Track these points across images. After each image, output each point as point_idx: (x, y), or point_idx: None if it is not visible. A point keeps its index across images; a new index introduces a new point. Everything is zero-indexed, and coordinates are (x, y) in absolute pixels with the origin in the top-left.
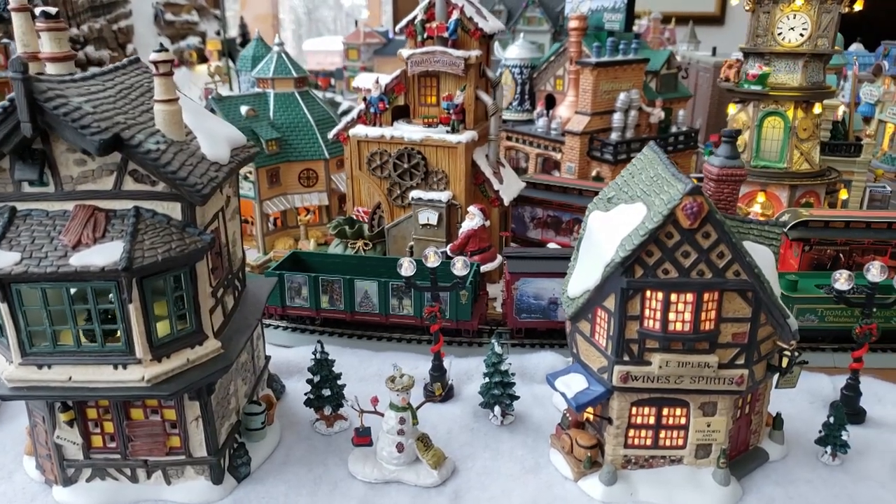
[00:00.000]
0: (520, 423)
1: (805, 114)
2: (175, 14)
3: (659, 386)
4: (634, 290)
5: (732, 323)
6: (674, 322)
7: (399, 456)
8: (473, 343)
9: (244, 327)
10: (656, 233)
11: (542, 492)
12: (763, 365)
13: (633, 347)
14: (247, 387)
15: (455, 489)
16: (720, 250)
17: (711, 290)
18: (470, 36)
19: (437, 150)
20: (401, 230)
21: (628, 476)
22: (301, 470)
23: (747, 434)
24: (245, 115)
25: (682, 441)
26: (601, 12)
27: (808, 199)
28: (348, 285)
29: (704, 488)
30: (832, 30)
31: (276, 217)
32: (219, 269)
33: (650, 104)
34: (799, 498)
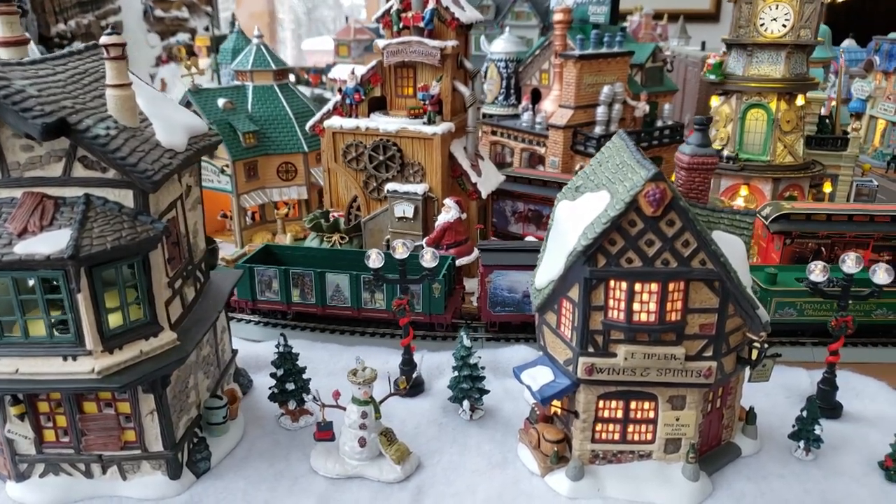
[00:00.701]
0: (489, 417)
1: (788, 106)
2: (165, 10)
3: (625, 378)
4: (598, 280)
5: (699, 314)
6: (638, 312)
7: (361, 451)
8: (448, 337)
9: (204, 320)
10: (619, 221)
11: (508, 487)
12: (732, 357)
13: (598, 339)
14: (210, 380)
15: (418, 485)
16: (685, 238)
17: (677, 280)
18: (446, 26)
19: (413, 142)
20: (377, 223)
21: (596, 471)
22: (262, 465)
23: (719, 428)
24: (222, 107)
25: (650, 436)
26: (586, 5)
27: (791, 192)
28: (319, 279)
29: (673, 484)
30: (815, 20)
31: (255, 211)
32: (176, 259)
33: (635, 98)
34: (770, 493)
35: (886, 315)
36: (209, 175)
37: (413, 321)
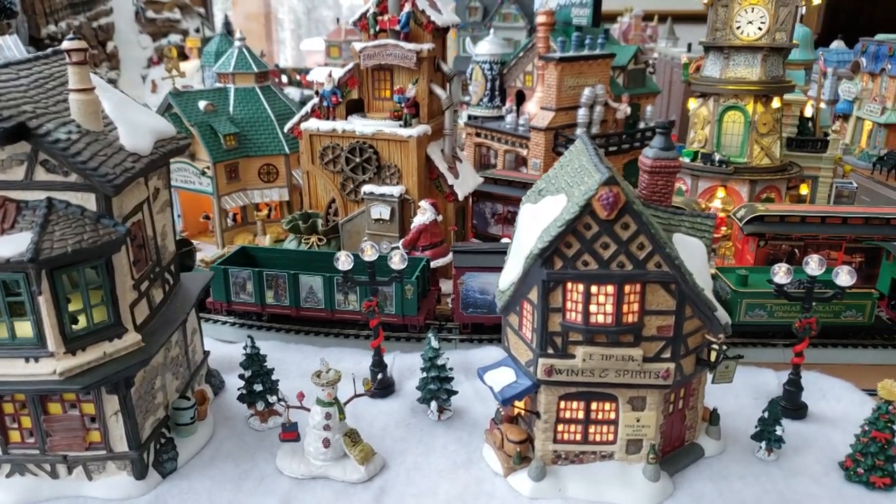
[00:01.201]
0: (458, 418)
1: (765, 108)
2: (157, 12)
3: (583, 379)
4: (555, 282)
5: (656, 315)
6: (595, 314)
7: (325, 451)
8: (421, 338)
9: (171, 322)
10: (574, 224)
11: (471, 487)
12: (692, 359)
13: (557, 340)
14: (179, 381)
15: (382, 485)
16: (640, 241)
17: (632, 282)
18: (423, 29)
19: (389, 145)
20: (355, 225)
21: (558, 472)
22: (228, 465)
23: (682, 429)
24: (203, 110)
25: (612, 436)
26: (569, 7)
27: (769, 194)
28: (293, 280)
29: (634, 484)
30: (790, 23)
31: (237, 213)
32: (142, 261)
33: (617, 99)
34: (729, 493)
35: (856, 317)
36: (190, 177)
37: (386, 323)
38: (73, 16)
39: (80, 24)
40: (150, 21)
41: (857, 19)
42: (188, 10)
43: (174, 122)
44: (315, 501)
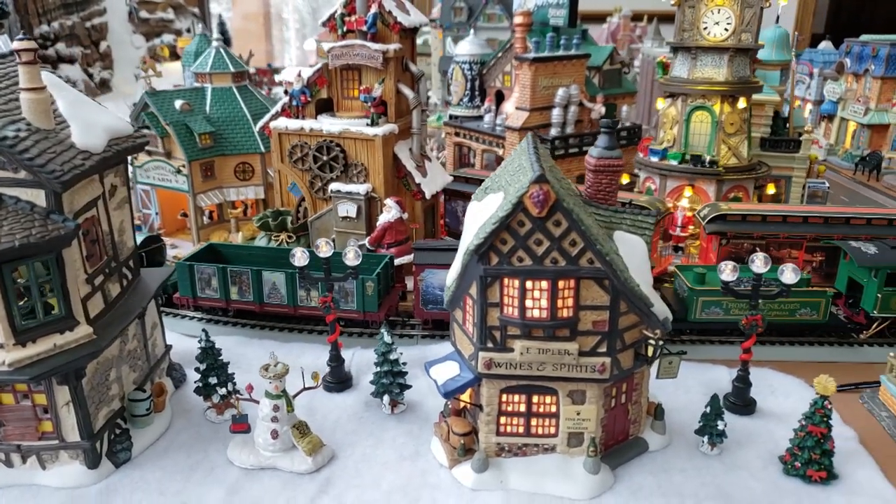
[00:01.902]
0: (411, 412)
1: (731, 108)
2: (150, 12)
3: (522, 373)
4: (492, 278)
5: (591, 311)
6: (531, 309)
7: (274, 442)
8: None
9: (126, 316)
10: (507, 221)
11: (415, 479)
12: (630, 354)
13: (496, 334)
14: (137, 374)
15: (328, 476)
16: (572, 238)
17: (566, 278)
18: (390, 30)
19: (356, 143)
20: (323, 223)
21: (501, 464)
22: (181, 456)
23: (626, 424)
24: (179, 109)
25: (553, 429)
26: (546, 8)
27: (736, 193)
28: (256, 277)
29: (574, 477)
30: (755, 24)
31: (213, 210)
32: (96, 256)
33: (592, 100)
34: (668, 486)
35: (811, 315)
36: (167, 175)
37: (348, 318)
38: (66, 16)
39: (74, 23)
40: (144, 21)
41: (858, 18)
42: (182, 10)
43: (150, 120)
44: (262, 491)
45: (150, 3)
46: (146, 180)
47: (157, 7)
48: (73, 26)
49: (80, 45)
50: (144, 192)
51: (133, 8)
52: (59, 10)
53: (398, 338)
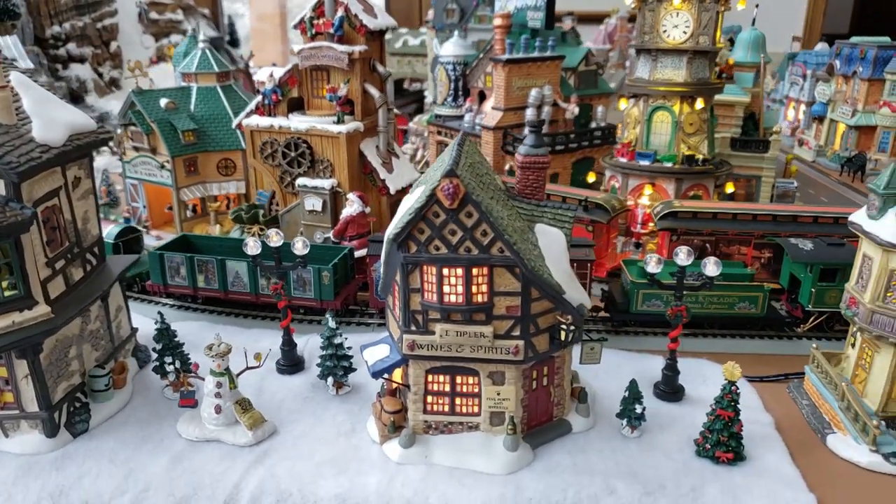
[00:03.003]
0: (354, 393)
1: (690, 109)
2: (159, 13)
3: (442, 354)
4: (412, 265)
5: (505, 296)
6: (448, 294)
7: (217, 417)
8: (342, 322)
9: (84, 298)
10: (422, 212)
11: (347, 453)
12: (545, 337)
13: (419, 318)
14: (99, 353)
15: (266, 449)
16: (483, 229)
17: (479, 266)
18: (356, 32)
19: (322, 140)
20: (293, 216)
21: (427, 440)
22: (135, 429)
23: (549, 406)
24: (164, 107)
25: (476, 409)
26: (524, 10)
27: (696, 191)
28: (220, 265)
29: (494, 453)
30: (712, 27)
31: (196, 204)
32: (56, 242)
33: (566, 100)
34: (583, 464)
35: (749, 309)
36: (152, 170)
37: (307, 306)
38: (78, 17)
39: (85, 24)
40: (153, 22)
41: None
42: (191, 11)
43: (136, 118)
44: (203, 460)
45: (160, 4)
46: (134, 175)
47: (166, 8)
48: (85, 27)
49: (90, 45)
50: (133, 186)
51: (143, 9)
52: (71, 12)
53: (356, 325)
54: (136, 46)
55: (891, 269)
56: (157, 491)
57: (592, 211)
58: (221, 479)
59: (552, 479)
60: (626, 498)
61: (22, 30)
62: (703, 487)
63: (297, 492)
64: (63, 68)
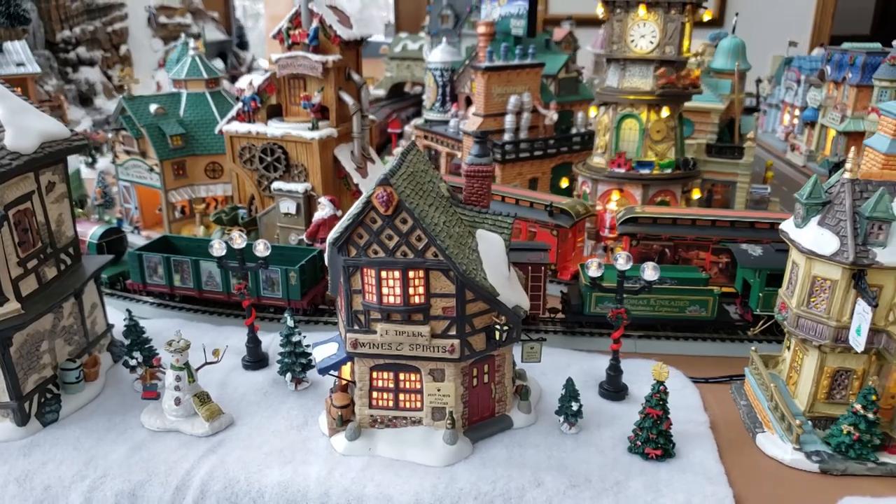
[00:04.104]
0: (312, 389)
1: (657, 117)
2: (168, 17)
3: (383, 352)
4: (353, 268)
5: (441, 298)
6: (387, 296)
7: (177, 409)
8: (310, 321)
9: (57, 295)
10: (360, 218)
11: (296, 444)
12: (482, 337)
13: (361, 318)
14: (73, 347)
15: (221, 439)
16: (417, 234)
17: (415, 269)
18: (331, 42)
19: (297, 146)
20: (270, 218)
21: (372, 434)
22: (102, 419)
23: (490, 402)
24: (154, 112)
25: (419, 404)
26: (509, 18)
27: (663, 197)
28: (195, 266)
29: (434, 447)
30: (677, 37)
31: (185, 206)
32: (28, 243)
33: (546, 106)
34: (517, 458)
35: (700, 312)
36: (143, 173)
37: (275, 305)
38: (88, 21)
39: (96, 28)
40: (162, 26)
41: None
42: (200, 15)
43: (126, 123)
44: (161, 448)
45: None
46: (126, 177)
47: (175, 12)
48: (95, 31)
49: (100, 49)
50: (125, 189)
51: (152, 13)
52: (81, 16)
53: (324, 325)
54: (145, 50)
55: (813, 275)
56: (114, 477)
57: (557, 216)
58: (175, 467)
59: (485, 472)
60: (552, 490)
61: (33, 34)
62: (627, 482)
63: (244, 479)
64: (73, 71)
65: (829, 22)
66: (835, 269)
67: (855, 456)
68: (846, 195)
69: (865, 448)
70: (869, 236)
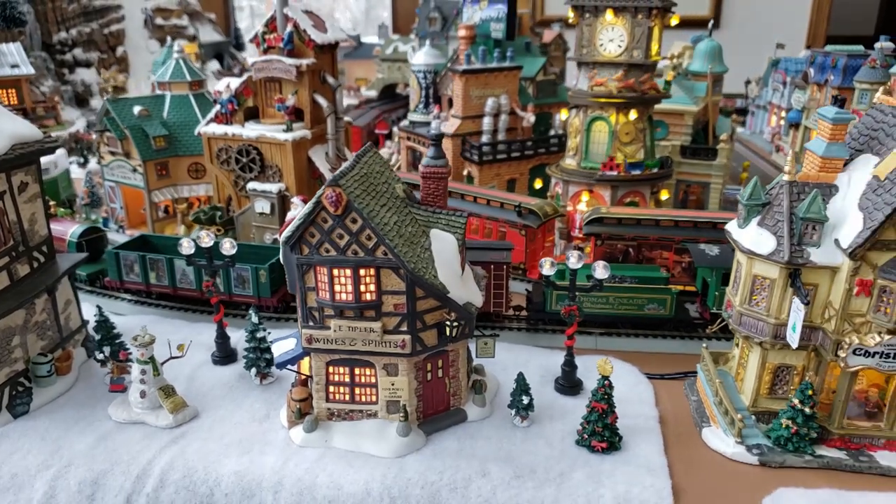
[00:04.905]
0: (278, 383)
1: (626, 119)
2: (165, 18)
3: (337, 347)
4: (307, 266)
5: (392, 295)
6: (339, 293)
7: (142, 401)
8: (281, 318)
9: (28, 292)
10: (311, 217)
11: (255, 436)
12: (433, 333)
13: (316, 314)
14: (45, 342)
15: (184, 431)
16: (367, 233)
17: (366, 267)
18: (306, 46)
19: (271, 147)
20: (246, 217)
21: (329, 426)
22: (72, 411)
23: (445, 396)
24: (137, 114)
25: (374, 398)
26: (488, 22)
27: (632, 198)
28: (169, 264)
29: (387, 439)
30: (644, 41)
31: (169, 205)
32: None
33: (523, 109)
34: (468, 450)
35: (658, 310)
36: (127, 173)
37: (246, 303)
38: (85, 23)
39: (92, 30)
40: (159, 27)
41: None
42: (197, 17)
43: (110, 124)
44: (125, 439)
45: (166, 10)
46: (111, 177)
47: (171, 14)
48: (92, 32)
49: (97, 51)
50: (111, 189)
51: (148, 15)
52: (78, 18)
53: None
54: (141, 51)
55: (754, 274)
56: (78, 466)
57: (526, 216)
58: (137, 457)
59: (434, 462)
60: (497, 480)
61: (30, 36)
62: (571, 473)
63: (203, 468)
64: (69, 72)
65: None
66: (773, 269)
67: (793, 449)
68: (784, 197)
69: (803, 441)
70: (804, 236)
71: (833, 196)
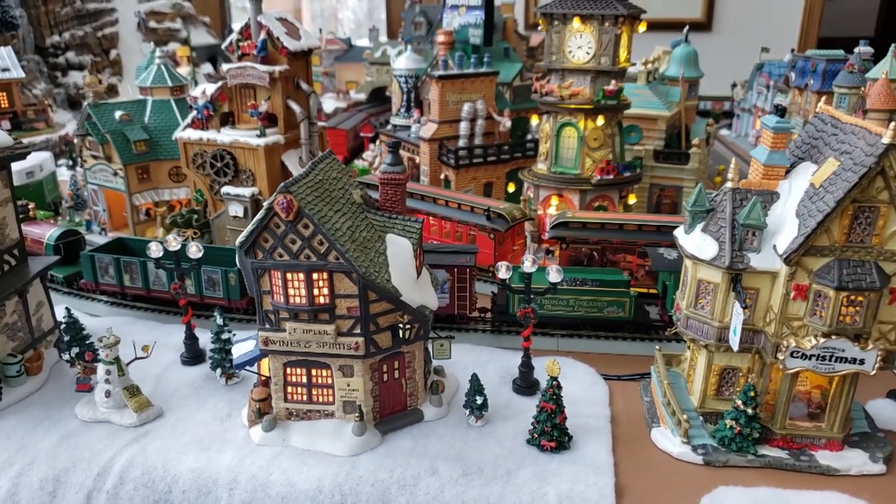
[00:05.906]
0: (243, 384)
1: (594, 125)
2: (158, 21)
3: (293, 349)
4: (261, 270)
5: (345, 298)
6: (293, 296)
7: (107, 401)
8: (252, 321)
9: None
10: (264, 223)
11: (215, 434)
12: (387, 335)
13: (272, 317)
14: (16, 343)
15: (147, 429)
16: (319, 238)
17: (318, 271)
18: (279, 53)
19: (245, 152)
20: (222, 221)
21: (287, 426)
22: (39, 410)
23: (402, 396)
24: (119, 119)
25: (331, 398)
26: (467, 28)
27: (601, 202)
28: (142, 266)
29: (343, 438)
30: (612, 48)
31: (150, 208)
32: None
33: (500, 113)
34: (420, 448)
35: (617, 312)
36: (108, 177)
37: (214, 305)
38: (78, 26)
39: (86, 33)
40: (152, 30)
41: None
42: (191, 20)
43: (92, 129)
44: (89, 438)
45: (159, 13)
46: (94, 181)
47: (165, 17)
48: (85, 35)
49: (90, 54)
50: (94, 192)
51: (141, 18)
52: (71, 21)
53: None
54: (135, 54)
55: (698, 278)
56: (40, 463)
57: (494, 220)
58: (99, 454)
59: (386, 461)
60: (445, 478)
61: (23, 39)
62: (518, 471)
63: (161, 466)
64: (62, 75)
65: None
66: (716, 273)
67: (736, 449)
68: (727, 203)
69: (746, 441)
70: (744, 242)
71: (774, 203)
